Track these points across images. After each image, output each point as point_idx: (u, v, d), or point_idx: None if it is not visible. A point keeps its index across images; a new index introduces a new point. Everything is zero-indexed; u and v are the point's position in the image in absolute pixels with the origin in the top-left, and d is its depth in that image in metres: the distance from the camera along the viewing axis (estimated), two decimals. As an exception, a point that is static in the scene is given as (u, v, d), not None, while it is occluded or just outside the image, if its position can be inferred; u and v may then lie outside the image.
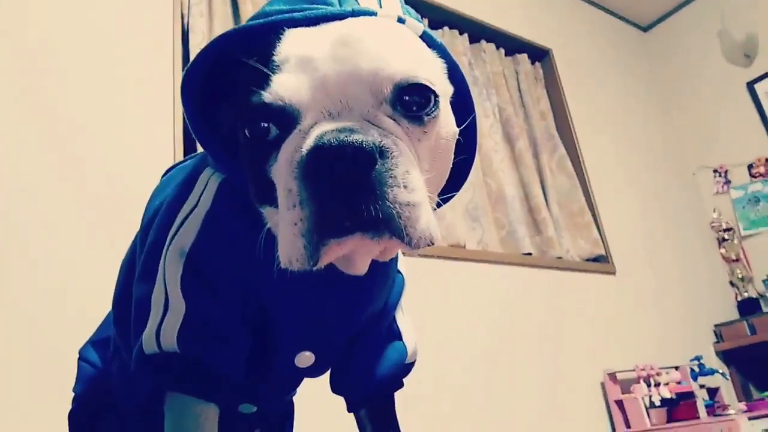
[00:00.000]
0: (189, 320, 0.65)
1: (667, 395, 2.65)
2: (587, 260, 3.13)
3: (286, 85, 0.54)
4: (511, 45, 3.43)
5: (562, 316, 2.79)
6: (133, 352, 0.68)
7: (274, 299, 0.69)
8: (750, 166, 3.87)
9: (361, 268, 0.63)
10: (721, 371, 3.03)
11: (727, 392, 3.20)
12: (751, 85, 3.92)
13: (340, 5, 0.61)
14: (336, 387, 0.86)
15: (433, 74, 0.60)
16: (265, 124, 0.55)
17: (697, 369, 2.92)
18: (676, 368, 2.84)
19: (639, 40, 4.49)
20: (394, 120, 0.55)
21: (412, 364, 0.86)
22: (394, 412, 0.86)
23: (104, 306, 0.93)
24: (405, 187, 0.51)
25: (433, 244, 0.53)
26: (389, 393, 0.85)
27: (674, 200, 3.86)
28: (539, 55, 3.59)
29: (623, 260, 3.22)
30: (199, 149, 0.79)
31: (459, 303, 2.44)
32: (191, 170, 0.75)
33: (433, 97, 0.57)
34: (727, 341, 3.45)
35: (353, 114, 0.53)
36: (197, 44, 2.13)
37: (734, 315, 3.64)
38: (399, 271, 0.84)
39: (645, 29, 4.57)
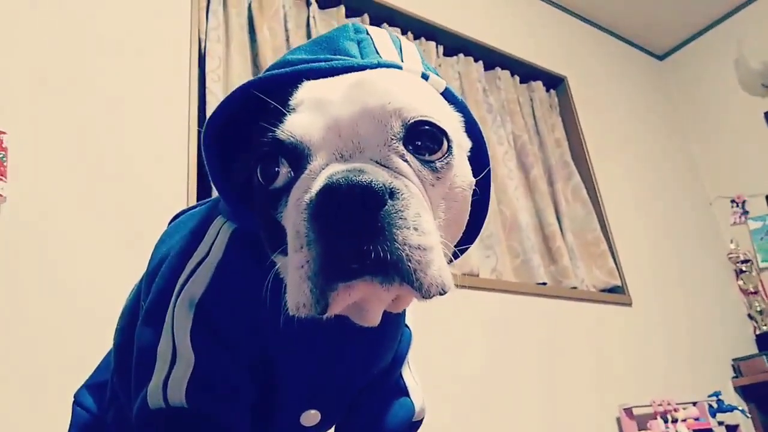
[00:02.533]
0: (198, 373, 0.63)
1: (685, 432, 2.58)
2: (603, 290, 3.07)
3: (298, 124, 0.54)
4: (526, 72, 3.43)
5: (577, 347, 2.73)
6: (135, 406, 0.65)
7: (283, 355, 0.67)
8: (768, 197, 3.81)
9: (373, 318, 0.60)
10: (740, 408, 2.95)
11: (747, 430, 3.12)
12: (769, 115, 3.88)
13: (362, 57, 0.60)
14: None
15: (450, 126, 0.59)
16: (277, 167, 0.55)
17: (715, 405, 2.85)
18: (694, 404, 2.77)
19: (655, 68, 4.47)
20: (407, 162, 0.53)
21: (420, 422, 0.84)
22: None
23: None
24: (415, 229, 0.49)
25: (445, 292, 0.50)
26: None
27: (691, 230, 3.81)
28: (554, 82, 3.58)
29: (639, 291, 3.16)
30: (213, 191, 0.77)
31: (471, 332, 2.39)
32: (202, 218, 0.74)
33: (446, 142, 0.56)
34: (746, 376, 3.36)
35: (364, 156, 0.52)
36: (213, 69, 2.13)
37: (753, 349, 3.56)
38: (407, 325, 0.82)
39: (661, 58, 4.55)
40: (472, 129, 0.65)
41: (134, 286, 0.85)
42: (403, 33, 2.91)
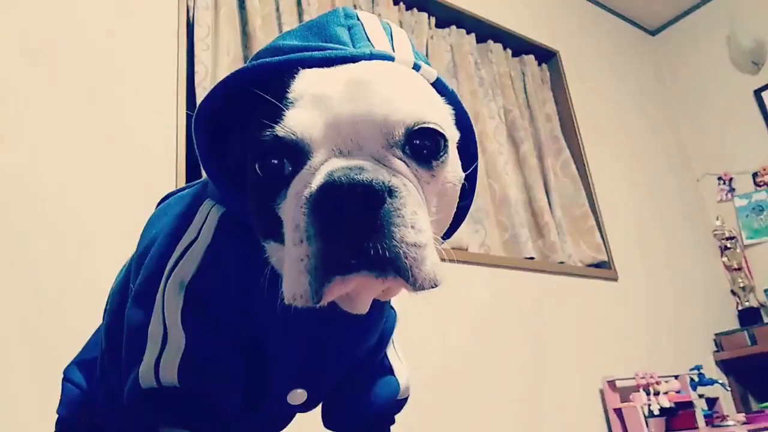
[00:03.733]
0: (190, 354, 0.64)
1: (666, 404, 2.62)
2: (589, 266, 3.10)
3: (298, 120, 0.55)
4: (518, 46, 3.40)
5: (563, 321, 2.77)
6: (126, 386, 0.66)
7: (272, 336, 0.69)
8: (755, 175, 3.84)
9: (362, 307, 0.63)
10: (720, 381, 3.01)
11: (726, 403, 3.19)
12: (758, 93, 3.89)
13: (354, 46, 0.61)
14: (328, 422, 0.85)
15: (443, 120, 0.60)
16: (276, 161, 0.56)
17: (696, 378, 2.90)
18: (676, 377, 2.82)
19: (647, 43, 4.46)
20: (404, 162, 0.55)
21: (405, 399, 0.86)
22: None
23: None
24: (412, 227, 0.51)
25: (437, 286, 0.53)
26: (382, 429, 0.85)
27: (678, 207, 3.84)
28: (546, 56, 3.56)
29: (625, 266, 3.19)
30: (202, 173, 0.77)
31: (459, 306, 2.41)
32: (191, 201, 0.74)
33: (442, 142, 0.58)
34: (727, 351, 3.43)
35: (363, 153, 0.54)
36: (202, 38, 2.10)
37: (735, 324, 3.62)
38: (392, 307, 0.84)
39: (653, 33, 4.53)
40: (462, 118, 0.66)
41: (122, 267, 0.86)
42: (395, 4, 2.87)
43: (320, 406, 0.84)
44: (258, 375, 0.70)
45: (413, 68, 0.62)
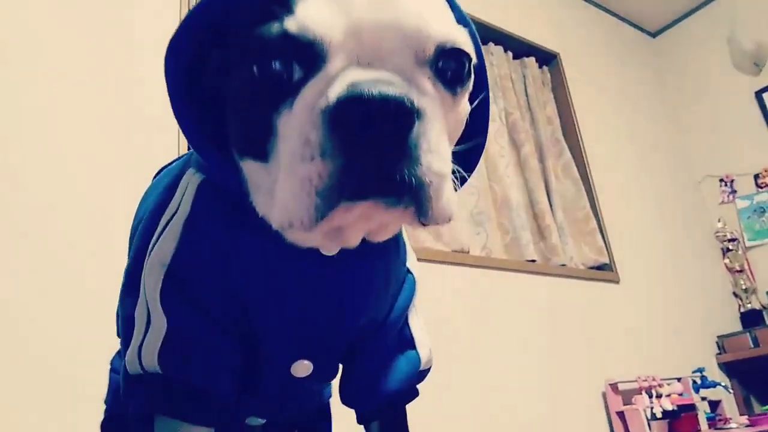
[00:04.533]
0: (171, 338, 0.60)
1: (669, 407, 2.61)
2: (591, 268, 3.10)
3: (316, 17, 0.47)
4: (519, 48, 3.40)
5: (565, 324, 2.76)
6: (121, 372, 0.64)
7: (261, 303, 0.63)
8: (756, 177, 3.83)
9: (353, 241, 0.56)
10: (723, 384, 3.00)
11: (729, 405, 3.18)
12: (759, 95, 3.88)
13: None
14: (345, 398, 0.79)
15: (468, 44, 0.54)
16: (281, 63, 0.47)
17: (699, 381, 2.90)
18: (678, 380, 2.81)
19: (647, 45, 4.45)
20: (431, 83, 0.50)
21: (428, 370, 0.80)
22: (406, 424, 0.80)
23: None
24: (438, 154, 0.46)
25: (449, 221, 0.48)
26: (402, 405, 0.79)
27: (679, 209, 3.83)
28: (547, 58, 3.55)
29: (627, 269, 3.19)
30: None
31: (461, 308, 2.41)
32: (177, 172, 0.69)
33: (467, 67, 0.53)
34: (729, 353, 3.41)
35: (387, 67, 0.47)
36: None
37: (737, 326, 3.61)
38: (409, 271, 0.77)
39: (654, 35, 4.53)
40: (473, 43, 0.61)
41: None
42: (396, 6, 2.87)
43: (338, 380, 0.79)
44: (255, 349, 0.67)
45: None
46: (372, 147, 0.43)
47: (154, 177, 0.82)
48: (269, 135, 0.49)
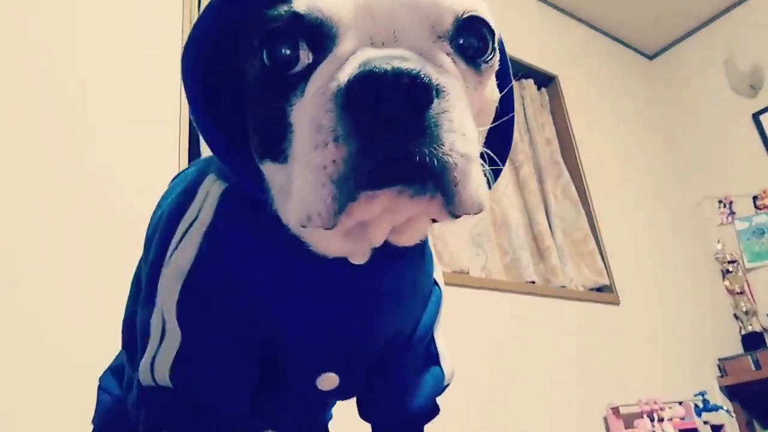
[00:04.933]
0: (185, 352, 0.57)
1: (671, 431, 2.58)
2: (591, 289, 3.08)
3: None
4: (517, 70, 3.37)
5: (565, 346, 2.73)
6: (134, 383, 0.62)
7: (288, 316, 0.60)
8: (755, 198, 3.84)
9: (377, 238, 0.52)
10: (725, 407, 2.97)
11: (732, 429, 3.14)
12: (756, 117, 3.90)
13: None
14: (365, 413, 0.75)
15: (485, 12, 0.50)
16: (290, 48, 0.45)
17: (701, 404, 2.87)
18: (680, 403, 2.78)
19: (645, 68, 4.48)
20: (452, 59, 0.46)
21: (447, 385, 0.78)
22: None
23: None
24: (462, 134, 0.42)
25: (481, 211, 0.44)
26: (423, 423, 0.77)
27: (678, 230, 3.83)
28: (545, 81, 3.57)
29: (627, 290, 3.17)
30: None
31: (460, 330, 2.38)
32: (194, 177, 0.66)
33: (491, 41, 0.49)
34: (731, 376, 3.39)
35: (402, 46, 0.44)
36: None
37: (738, 349, 3.58)
38: (436, 283, 0.73)
39: (651, 57, 4.57)
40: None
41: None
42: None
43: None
44: (279, 361, 0.64)
45: None
46: (388, 127, 0.40)
47: (171, 181, 0.79)
48: (286, 131, 0.46)
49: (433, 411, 0.76)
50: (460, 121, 0.42)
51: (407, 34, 0.44)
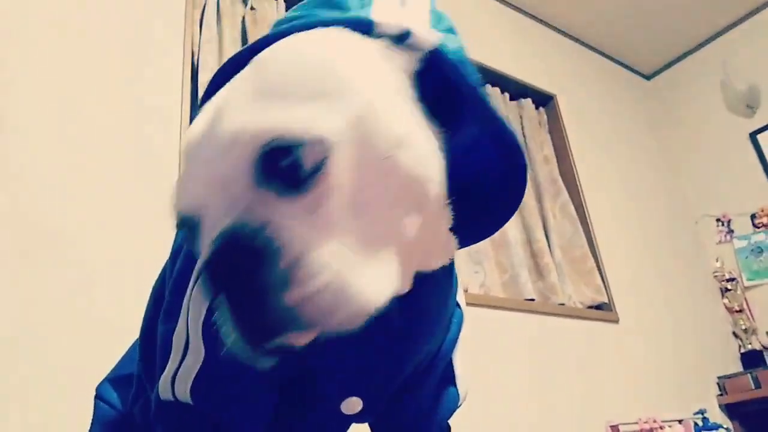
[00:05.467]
0: (207, 370, 0.57)
1: (671, 450, 2.58)
2: (590, 307, 3.09)
3: (181, 192, 0.46)
4: (515, 90, 3.46)
5: (564, 364, 2.74)
6: (153, 396, 0.62)
7: (313, 344, 0.60)
8: (753, 216, 3.86)
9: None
10: (725, 426, 2.96)
11: (732, 448, 3.13)
12: (753, 136, 3.93)
13: (347, 9, 0.51)
14: (379, 431, 0.77)
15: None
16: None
17: (701, 423, 2.86)
18: (680, 422, 2.78)
19: (642, 88, 4.53)
20: (275, 192, 0.42)
21: (460, 405, 0.79)
22: None
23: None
24: (300, 275, 0.41)
25: (372, 310, 0.43)
26: None
27: (677, 249, 3.84)
28: (543, 100, 3.61)
29: (626, 308, 3.18)
30: None
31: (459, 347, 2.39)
32: None
33: (303, 154, 0.41)
34: (730, 394, 3.38)
35: (234, 205, 0.43)
36: (206, 82, 2.13)
37: (738, 367, 3.58)
38: (458, 305, 0.74)
39: (648, 77, 4.61)
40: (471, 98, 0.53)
41: (162, 270, 0.79)
42: (395, 49, 2.94)
43: None
44: (305, 385, 0.64)
45: (402, 36, 0.48)
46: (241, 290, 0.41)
47: None
48: None
49: (446, 429, 0.78)
50: (294, 262, 0.40)
51: (226, 184, 0.43)
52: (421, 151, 0.46)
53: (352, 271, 0.42)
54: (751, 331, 3.66)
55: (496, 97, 3.31)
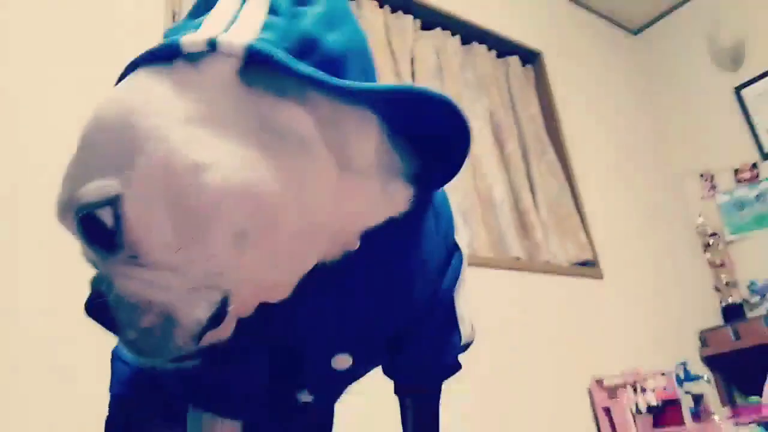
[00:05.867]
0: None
1: (654, 402, 2.65)
2: (575, 264, 3.12)
3: None
4: (502, 47, 3.42)
5: (550, 320, 2.78)
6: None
7: (293, 304, 0.62)
8: (736, 172, 3.89)
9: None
10: (705, 376, 3.04)
11: (713, 399, 3.22)
12: (738, 90, 3.94)
13: (185, 28, 0.53)
14: (388, 371, 0.83)
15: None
16: None
17: (682, 374, 2.93)
18: (662, 374, 2.85)
19: (629, 43, 4.50)
20: (102, 252, 0.50)
21: (470, 343, 0.85)
22: (438, 402, 0.85)
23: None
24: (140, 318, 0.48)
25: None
26: (443, 379, 0.84)
27: (661, 205, 3.88)
28: (530, 57, 3.57)
29: (611, 265, 3.22)
30: None
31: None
32: None
33: (111, 212, 0.46)
34: (711, 347, 3.47)
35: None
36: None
37: (719, 320, 3.67)
38: (457, 246, 0.78)
39: (635, 33, 4.58)
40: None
41: None
42: (380, 7, 2.88)
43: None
44: (295, 345, 0.69)
45: (208, 47, 0.49)
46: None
47: None
48: None
49: (453, 369, 0.83)
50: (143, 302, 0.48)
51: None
52: (231, 165, 0.47)
53: (180, 304, 0.48)
54: (732, 284, 3.74)
55: (482, 55, 3.26)
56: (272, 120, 0.50)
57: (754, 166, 3.82)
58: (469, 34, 3.25)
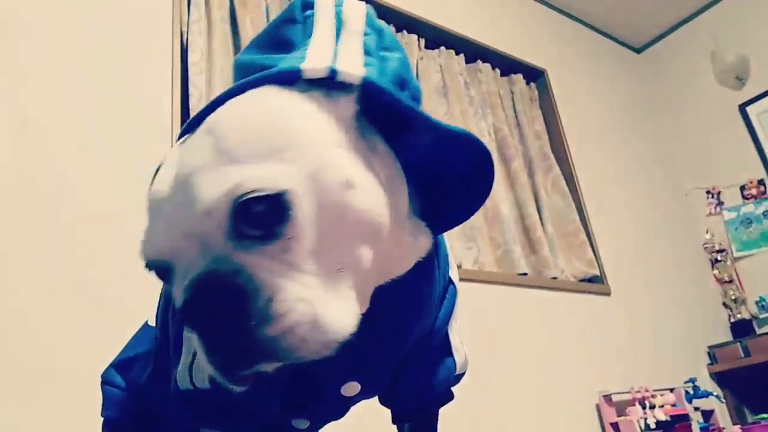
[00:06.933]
0: None
1: (663, 418, 2.63)
2: (582, 280, 3.12)
3: (149, 241, 0.52)
4: (506, 65, 3.46)
5: (557, 336, 2.78)
6: (172, 387, 0.68)
7: None
8: (742, 188, 3.90)
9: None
10: (715, 393, 3.02)
11: (722, 415, 3.20)
12: (743, 108, 3.96)
13: (293, 47, 0.56)
14: (385, 401, 0.85)
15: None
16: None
17: (691, 391, 2.92)
18: (671, 390, 2.83)
19: (632, 61, 4.53)
20: (248, 242, 0.48)
21: (463, 374, 0.86)
22: (436, 426, 0.87)
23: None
24: (278, 311, 0.46)
25: (336, 340, 0.49)
26: (437, 407, 0.86)
27: (667, 221, 3.88)
28: (534, 75, 3.61)
29: (618, 281, 3.22)
30: None
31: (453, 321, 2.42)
32: None
33: (276, 204, 0.47)
34: (720, 363, 3.44)
35: (199, 250, 0.49)
36: (195, 62, 2.13)
37: (728, 336, 3.65)
38: (452, 282, 0.80)
39: (638, 51, 4.61)
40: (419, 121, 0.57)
41: None
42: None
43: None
44: (310, 371, 0.69)
45: (329, 74, 0.52)
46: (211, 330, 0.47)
47: None
48: None
49: (446, 397, 0.85)
50: (265, 304, 0.46)
51: (203, 240, 0.48)
52: (367, 189, 0.52)
53: (321, 304, 0.48)
54: (740, 301, 3.72)
55: (487, 73, 3.30)
56: (374, 154, 0.54)
57: (761, 182, 3.83)
58: (473, 52, 3.29)
